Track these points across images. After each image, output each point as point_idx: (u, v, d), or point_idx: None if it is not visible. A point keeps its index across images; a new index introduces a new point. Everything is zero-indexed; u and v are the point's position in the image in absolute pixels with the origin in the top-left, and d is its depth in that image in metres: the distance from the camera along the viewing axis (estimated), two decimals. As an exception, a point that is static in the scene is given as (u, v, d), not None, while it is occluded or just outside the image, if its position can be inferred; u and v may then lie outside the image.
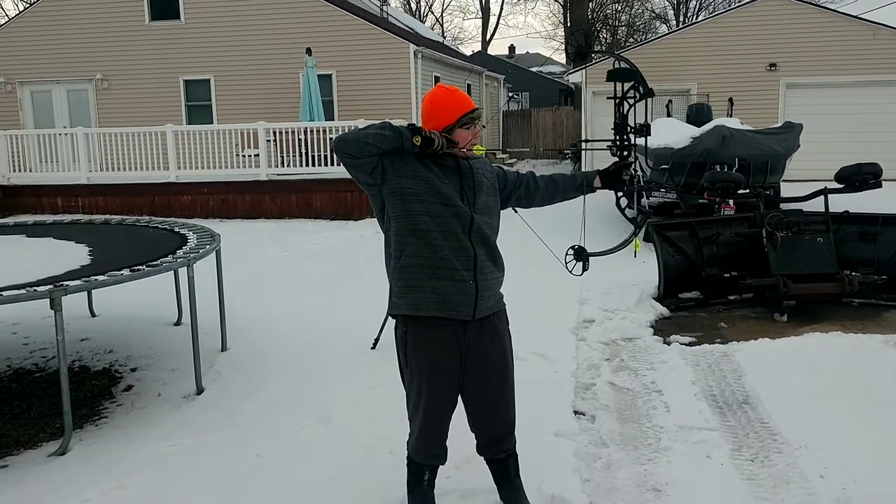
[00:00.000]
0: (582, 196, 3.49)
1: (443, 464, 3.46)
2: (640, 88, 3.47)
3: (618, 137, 3.47)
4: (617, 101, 3.49)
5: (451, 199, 3.11)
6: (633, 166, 3.44)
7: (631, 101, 3.48)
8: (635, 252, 3.60)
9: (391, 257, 3.20)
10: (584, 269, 3.44)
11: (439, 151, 3.09)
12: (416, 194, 3.08)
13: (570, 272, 3.43)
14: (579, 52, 3.49)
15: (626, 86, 3.48)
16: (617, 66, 3.53)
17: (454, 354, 3.20)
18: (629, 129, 3.50)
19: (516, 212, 3.62)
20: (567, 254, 3.46)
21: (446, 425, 3.35)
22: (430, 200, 3.09)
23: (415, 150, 3.04)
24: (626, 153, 3.46)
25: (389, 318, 3.44)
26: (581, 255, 3.38)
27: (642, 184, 11.14)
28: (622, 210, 3.04)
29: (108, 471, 4.14)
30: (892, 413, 4.63)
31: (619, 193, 3.51)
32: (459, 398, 3.35)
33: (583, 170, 17.04)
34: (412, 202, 3.08)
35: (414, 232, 3.10)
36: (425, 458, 3.39)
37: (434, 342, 3.18)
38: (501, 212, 3.42)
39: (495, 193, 3.35)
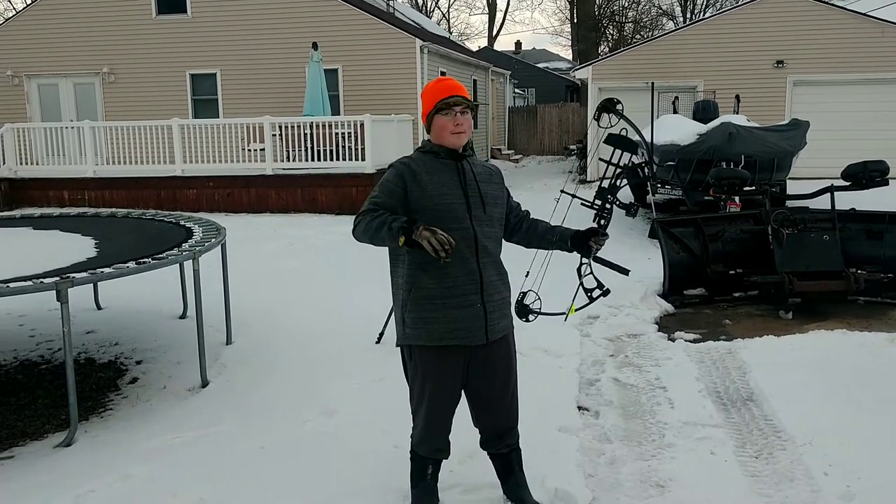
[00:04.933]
0: (553, 249, 3.39)
1: (446, 458, 3.46)
2: (642, 163, 3.39)
3: (597, 202, 3.34)
4: (608, 165, 3.34)
5: (459, 218, 3.11)
6: (601, 242, 3.31)
7: (627, 166, 3.34)
8: (566, 316, 3.51)
9: (400, 288, 3.20)
10: (527, 320, 3.40)
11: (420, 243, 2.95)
12: (449, 210, 3.11)
13: (518, 315, 3.38)
14: (605, 107, 3.35)
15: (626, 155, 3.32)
16: (623, 132, 3.37)
17: (459, 358, 3.22)
18: (612, 201, 3.36)
19: None
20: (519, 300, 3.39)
21: (449, 420, 3.36)
22: (441, 228, 2.98)
23: (395, 245, 3.02)
24: (602, 222, 3.35)
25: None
26: (523, 311, 3.34)
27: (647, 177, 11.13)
28: (581, 278, 2.97)
29: (113, 462, 4.16)
30: (897, 411, 4.62)
31: (585, 260, 3.38)
32: (463, 393, 3.36)
33: (589, 165, 16.96)
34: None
35: (422, 266, 3.11)
36: (428, 451, 3.40)
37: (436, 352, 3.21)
38: None
39: (501, 204, 3.32)
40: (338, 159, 14.15)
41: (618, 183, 3.32)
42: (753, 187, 9.33)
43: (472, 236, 3.14)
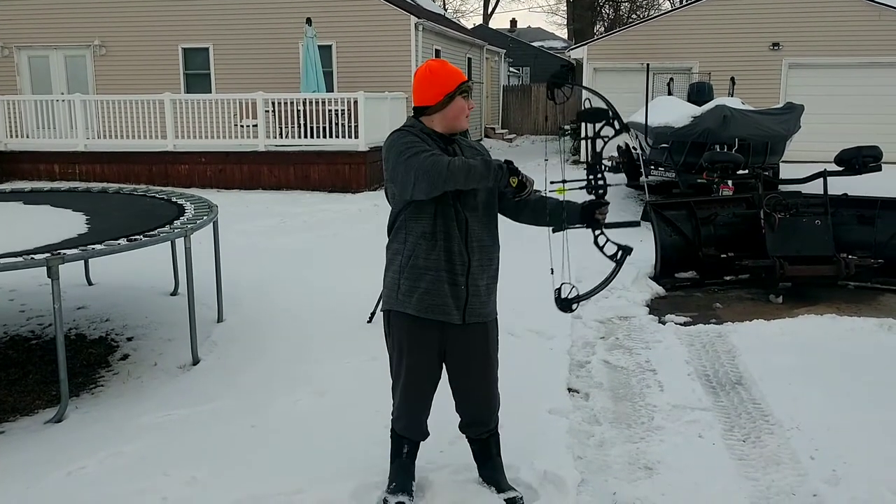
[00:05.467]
0: (563, 228, 3.32)
1: (422, 440, 3.48)
2: (615, 124, 3.33)
3: (591, 177, 3.33)
4: (588, 139, 3.33)
5: (450, 203, 3.13)
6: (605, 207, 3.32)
7: (606, 139, 3.33)
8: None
9: (399, 254, 3.20)
10: (572, 310, 3.39)
11: (523, 196, 3.11)
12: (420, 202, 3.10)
13: (562, 310, 3.37)
14: (555, 83, 3.30)
15: (599, 124, 3.30)
16: (587, 105, 3.38)
17: (435, 334, 3.24)
18: (604, 166, 3.36)
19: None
20: (557, 296, 3.36)
21: (426, 402, 3.38)
22: (447, 203, 3.11)
23: (507, 189, 3.07)
24: (601, 191, 3.34)
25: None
26: (565, 304, 3.33)
27: (640, 162, 11.12)
28: (601, 248, 2.99)
29: (103, 439, 4.16)
30: (884, 396, 4.66)
31: (597, 231, 3.36)
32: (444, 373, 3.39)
33: (583, 145, 16.91)
34: (433, 203, 3.10)
35: (425, 236, 3.13)
36: (402, 430, 3.44)
37: (416, 324, 3.22)
38: None
39: (492, 189, 3.29)
40: (331, 136, 14.09)
41: (600, 151, 3.33)
42: (746, 171, 9.34)
43: (463, 220, 3.16)
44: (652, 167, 11.42)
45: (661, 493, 3.57)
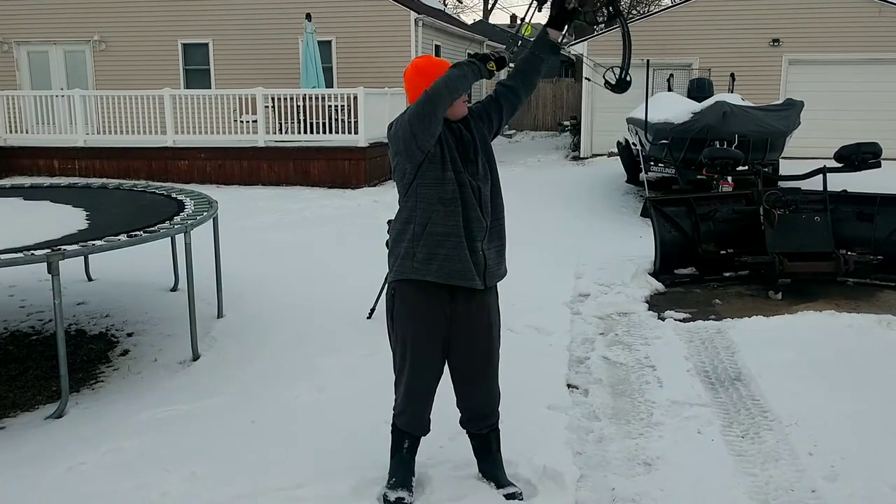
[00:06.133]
0: (548, 55, 3.39)
1: (423, 435, 3.50)
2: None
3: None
4: None
5: (460, 172, 3.19)
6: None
7: None
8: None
9: (411, 223, 3.22)
10: (629, 83, 3.46)
11: (510, 64, 3.21)
12: (452, 160, 3.17)
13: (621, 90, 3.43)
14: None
15: None
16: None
17: (439, 319, 3.26)
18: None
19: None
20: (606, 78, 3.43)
21: (429, 395, 3.40)
22: (458, 170, 3.18)
23: (490, 77, 3.15)
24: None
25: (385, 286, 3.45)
26: (622, 84, 3.40)
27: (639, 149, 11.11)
28: (595, 22, 3.01)
29: (104, 434, 4.18)
30: (883, 392, 4.67)
31: (582, 11, 3.37)
32: (446, 371, 3.40)
33: (582, 142, 16.88)
34: (445, 170, 3.16)
35: (442, 202, 3.17)
36: (405, 424, 3.45)
37: (421, 305, 3.25)
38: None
39: (490, 149, 3.37)
40: (331, 132, 14.08)
41: None
42: (746, 167, 9.33)
43: (476, 187, 3.23)
44: (651, 163, 11.42)
45: (660, 488, 3.59)
